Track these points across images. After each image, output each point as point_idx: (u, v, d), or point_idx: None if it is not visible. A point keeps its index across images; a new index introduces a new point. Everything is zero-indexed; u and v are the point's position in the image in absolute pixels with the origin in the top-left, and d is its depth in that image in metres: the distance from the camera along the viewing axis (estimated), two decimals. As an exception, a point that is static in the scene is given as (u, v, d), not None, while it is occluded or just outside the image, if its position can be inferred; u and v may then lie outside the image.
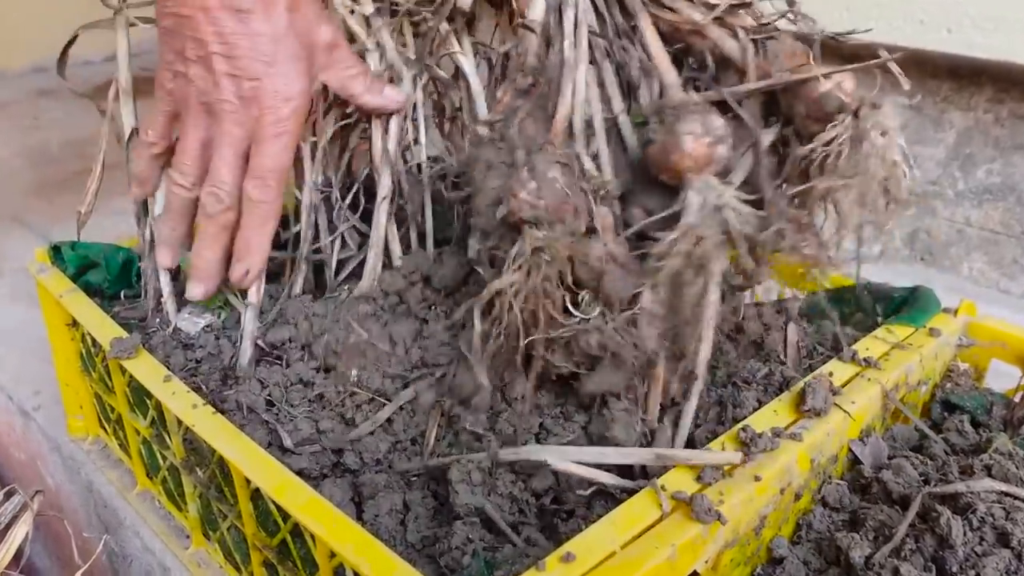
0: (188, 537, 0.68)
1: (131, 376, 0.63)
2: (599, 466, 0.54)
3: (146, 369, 0.62)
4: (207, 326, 0.69)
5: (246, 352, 0.66)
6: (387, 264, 0.70)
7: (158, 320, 0.71)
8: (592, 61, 0.59)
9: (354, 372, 0.61)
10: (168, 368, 0.62)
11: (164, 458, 0.67)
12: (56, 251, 0.76)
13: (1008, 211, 1.09)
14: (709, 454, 0.54)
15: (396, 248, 0.71)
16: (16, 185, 1.45)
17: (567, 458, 0.53)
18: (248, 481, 0.54)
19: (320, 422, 0.60)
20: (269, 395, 0.62)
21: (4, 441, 0.96)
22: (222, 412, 0.57)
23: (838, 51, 1.17)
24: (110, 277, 0.76)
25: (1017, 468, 0.53)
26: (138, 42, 0.76)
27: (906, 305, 0.71)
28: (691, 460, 0.53)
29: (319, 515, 0.48)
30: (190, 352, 0.67)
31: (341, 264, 0.72)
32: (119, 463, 0.77)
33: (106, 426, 0.78)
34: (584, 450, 0.56)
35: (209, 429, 0.55)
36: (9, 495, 0.61)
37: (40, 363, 0.93)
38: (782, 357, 0.68)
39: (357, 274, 0.71)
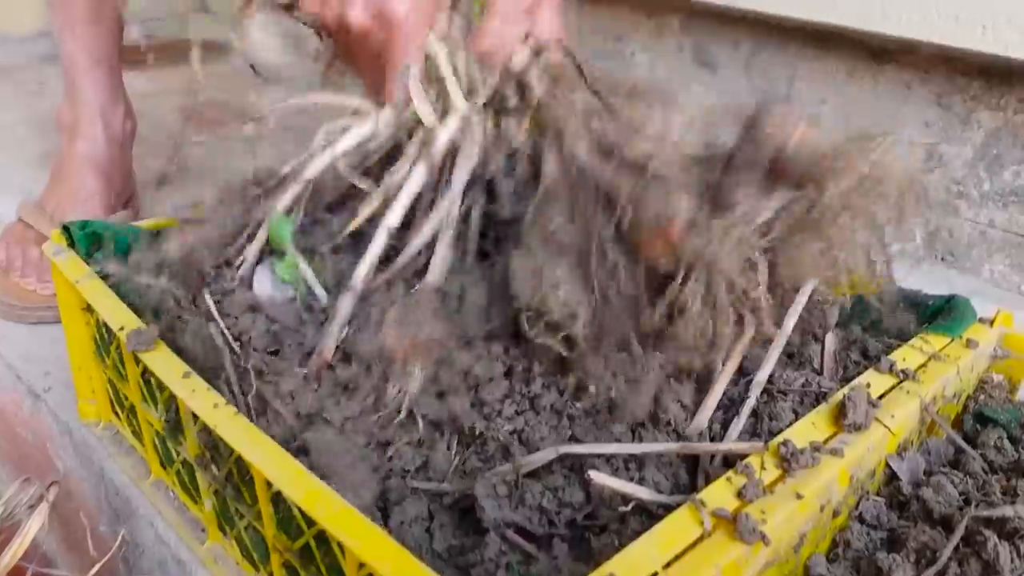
0: (204, 531, 0.66)
1: (146, 367, 0.62)
2: (631, 478, 0.53)
3: (164, 364, 0.60)
4: (292, 298, 0.66)
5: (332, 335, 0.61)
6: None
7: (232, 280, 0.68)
8: None
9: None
10: (238, 339, 0.61)
11: (178, 452, 0.66)
12: (66, 231, 0.74)
13: (1034, 214, 1.07)
14: (734, 444, 0.54)
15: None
16: (21, 154, 1.42)
17: (585, 451, 0.52)
18: (270, 484, 0.53)
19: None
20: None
21: (11, 420, 0.94)
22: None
23: (868, 46, 1.15)
24: (114, 255, 0.74)
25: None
26: (144, 8, 0.74)
27: (941, 314, 0.70)
28: (717, 449, 0.54)
29: (350, 527, 0.46)
30: (267, 323, 0.64)
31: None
32: (132, 450, 0.76)
33: (119, 412, 0.76)
34: (603, 446, 0.55)
35: (231, 431, 0.54)
36: (25, 485, 0.60)
37: (50, 343, 0.92)
38: (816, 365, 0.66)
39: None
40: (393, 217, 0.63)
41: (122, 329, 0.63)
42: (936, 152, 1.13)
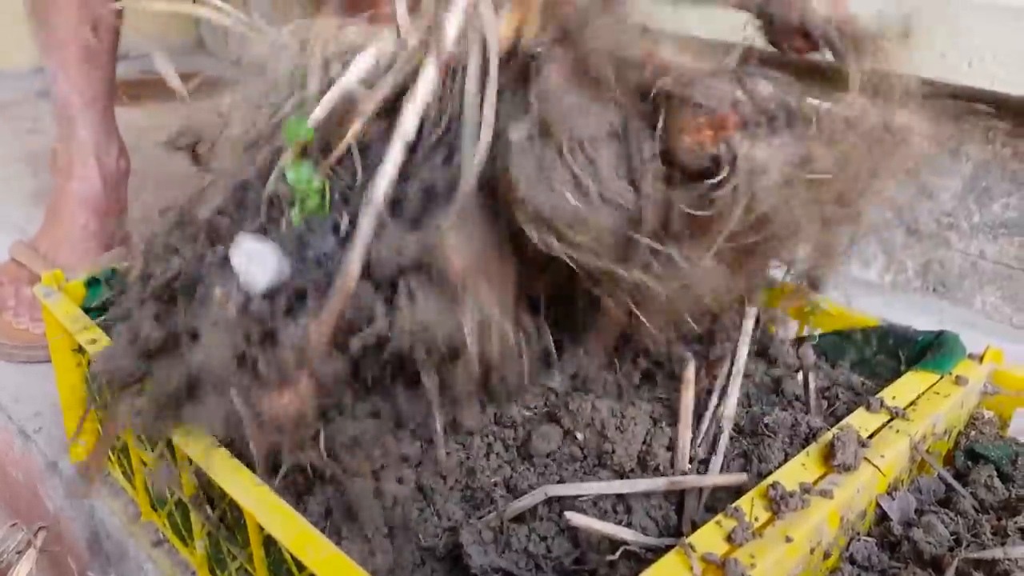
0: (194, 574, 0.66)
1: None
2: (619, 522, 0.53)
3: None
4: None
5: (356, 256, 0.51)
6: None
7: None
8: None
9: None
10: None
11: (172, 491, 0.65)
12: (94, 283, 0.75)
13: (1024, 246, 1.08)
14: (720, 476, 0.54)
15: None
16: (16, 192, 1.42)
17: (572, 493, 0.52)
18: (261, 527, 0.52)
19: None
20: None
21: (2, 460, 0.94)
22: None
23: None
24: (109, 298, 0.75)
25: (1054, 533, 0.52)
26: (136, 44, 0.74)
27: (931, 350, 0.70)
28: (702, 483, 0.55)
29: (340, 573, 0.46)
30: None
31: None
32: (122, 492, 0.76)
33: (110, 453, 0.76)
34: (590, 485, 0.55)
35: (224, 473, 0.54)
36: (13, 530, 0.59)
37: (42, 382, 0.92)
38: (802, 401, 0.66)
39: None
40: (408, 124, 0.54)
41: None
42: (926, 184, 1.14)
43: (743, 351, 0.64)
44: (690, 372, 0.60)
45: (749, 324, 0.64)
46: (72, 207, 1.09)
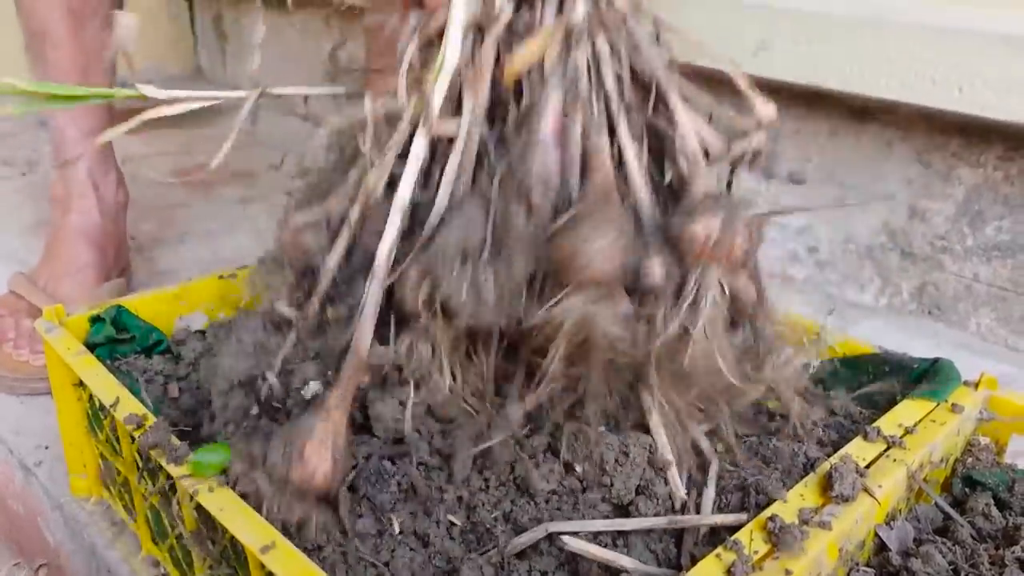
0: (195, 609, 0.66)
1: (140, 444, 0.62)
2: (615, 545, 0.53)
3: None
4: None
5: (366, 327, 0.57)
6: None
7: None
8: None
9: None
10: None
11: (173, 526, 0.66)
12: (98, 320, 0.76)
13: (1017, 268, 1.09)
14: (720, 516, 0.55)
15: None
16: (16, 222, 1.43)
17: (572, 530, 0.52)
18: (263, 564, 0.53)
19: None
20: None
21: (2, 493, 0.94)
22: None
23: (849, 106, 1.18)
24: (136, 350, 0.76)
25: (1050, 562, 0.53)
26: (133, 72, 0.75)
27: (926, 377, 0.71)
28: (702, 522, 0.56)
29: (342, 611, 0.46)
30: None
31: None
32: (123, 525, 0.76)
33: (111, 487, 0.76)
34: (593, 523, 0.55)
35: (226, 510, 0.54)
36: (15, 569, 0.60)
37: (43, 415, 0.92)
38: (800, 431, 0.67)
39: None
40: (405, 190, 0.58)
41: (116, 405, 0.63)
42: (919, 208, 1.15)
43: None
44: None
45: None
46: (71, 239, 1.10)
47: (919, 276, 1.17)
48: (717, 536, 0.55)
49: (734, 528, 0.53)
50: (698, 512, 0.56)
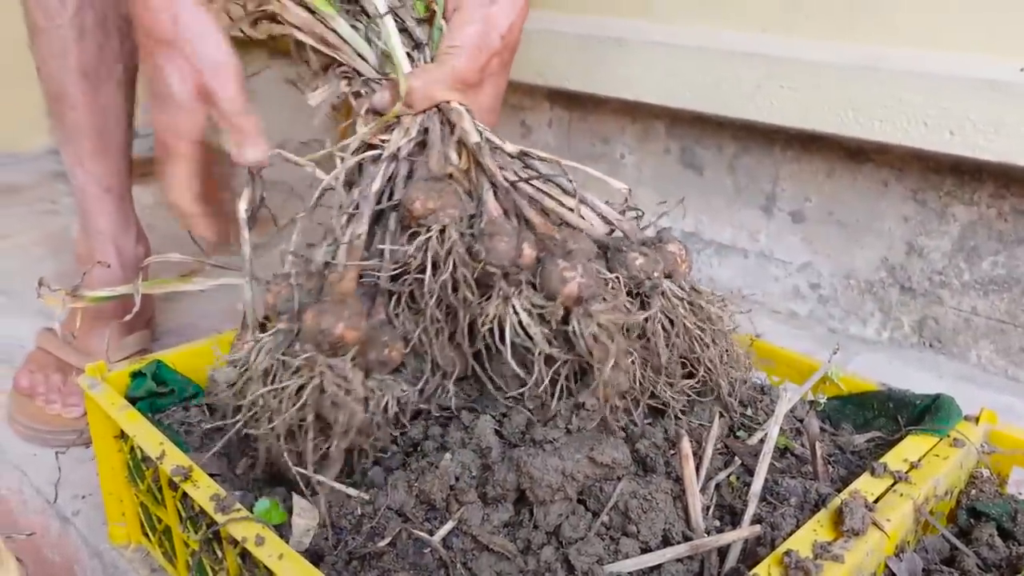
0: (237, 652, 0.69)
1: (185, 493, 0.66)
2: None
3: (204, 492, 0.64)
4: None
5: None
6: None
7: None
8: None
9: None
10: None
11: (215, 572, 0.69)
12: (139, 375, 0.80)
13: (1014, 301, 1.13)
14: (735, 532, 0.58)
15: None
16: (37, 275, 1.46)
17: (614, 570, 0.56)
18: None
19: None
20: None
21: (38, 543, 0.97)
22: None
23: (846, 147, 1.22)
24: (176, 402, 0.80)
25: (1051, 589, 0.56)
26: (147, 122, 0.80)
27: (928, 413, 0.74)
28: (720, 542, 0.60)
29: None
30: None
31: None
32: (163, 572, 0.79)
33: (150, 535, 0.79)
34: (623, 563, 0.58)
35: (272, 556, 0.57)
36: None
37: (77, 465, 0.95)
38: (808, 470, 0.70)
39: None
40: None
41: (162, 458, 0.67)
42: (916, 244, 1.19)
43: (774, 431, 0.68)
44: (686, 446, 0.63)
45: (782, 408, 0.68)
46: None
47: (919, 310, 1.21)
48: (737, 573, 0.58)
49: (752, 563, 0.57)
50: (722, 553, 0.60)
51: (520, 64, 1.49)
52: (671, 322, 0.72)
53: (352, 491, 0.66)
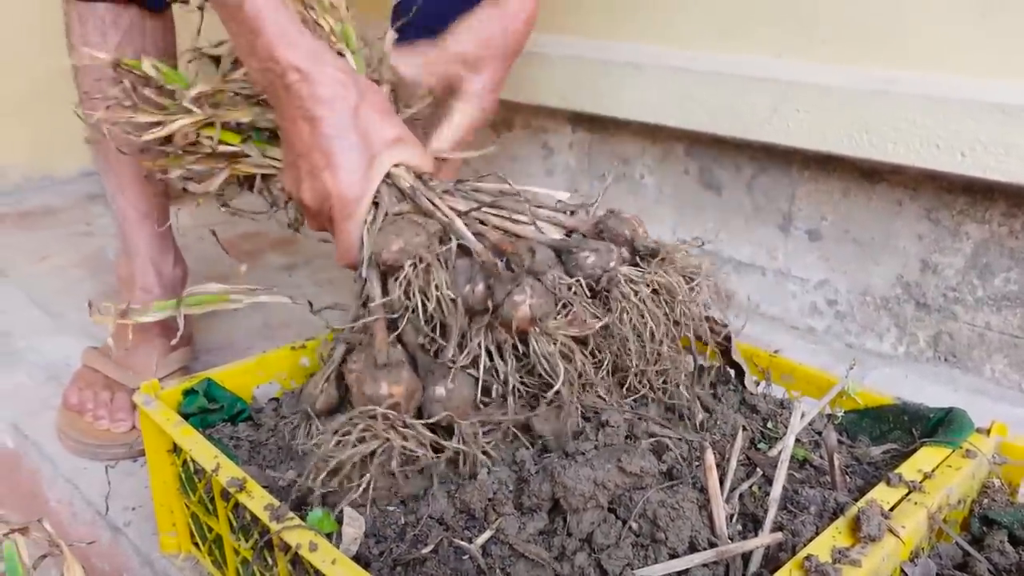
0: (286, 655, 0.73)
1: (236, 503, 0.70)
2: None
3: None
4: None
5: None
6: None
7: None
8: None
9: None
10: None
11: (264, 577, 0.73)
12: (191, 392, 0.85)
13: (1026, 317, 1.16)
14: (759, 539, 0.62)
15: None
16: (77, 296, 1.52)
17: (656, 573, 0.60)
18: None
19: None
20: None
21: (86, 551, 1.01)
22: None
23: (860, 168, 1.26)
24: (224, 418, 0.85)
25: (1058, 592, 0.59)
26: None
27: (941, 426, 0.78)
28: (744, 548, 0.63)
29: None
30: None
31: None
32: (212, 580, 0.83)
33: (200, 544, 0.83)
34: (653, 568, 0.62)
35: (325, 561, 0.61)
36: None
37: (125, 478, 1.00)
38: (828, 476, 0.74)
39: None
40: None
41: (216, 469, 0.71)
42: (931, 261, 1.23)
43: (790, 440, 0.72)
44: (710, 458, 0.67)
45: (796, 419, 0.72)
46: None
47: (934, 325, 1.24)
48: (760, 576, 0.62)
49: (774, 568, 0.60)
50: (745, 559, 0.63)
51: (543, 88, 1.54)
52: (640, 311, 0.76)
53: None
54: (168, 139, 0.91)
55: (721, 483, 0.69)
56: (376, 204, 0.79)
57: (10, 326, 1.40)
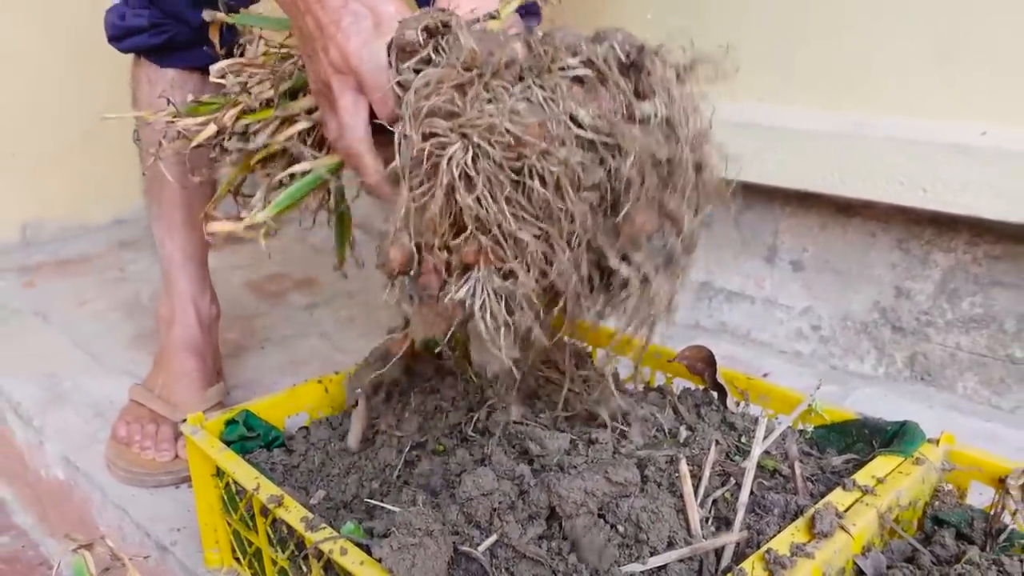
0: (321, 651, 0.83)
1: (274, 518, 0.80)
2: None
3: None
4: None
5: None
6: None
7: None
8: None
9: None
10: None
11: (300, 584, 0.83)
12: (232, 422, 0.95)
13: (992, 337, 1.25)
14: (728, 536, 0.72)
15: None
16: (116, 339, 1.64)
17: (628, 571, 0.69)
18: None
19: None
20: None
21: (140, 566, 1.12)
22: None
23: (835, 203, 1.36)
24: (261, 445, 0.95)
25: (982, 574, 0.69)
26: None
27: (897, 437, 0.87)
28: (716, 544, 0.73)
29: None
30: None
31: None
32: (253, 590, 0.93)
33: (241, 558, 0.94)
34: (635, 565, 0.72)
35: (358, 568, 0.71)
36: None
37: (169, 503, 1.11)
38: (793, 487, 0.84)
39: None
40: None
41: (257, 489, 0.82)
42: (904, 288, 1.33)
43: (756, 450, 0.82)
44: (684, 467, 0.77)
45: (761, 433, 0.82)
46: (177, 351, 1.30)
47: (909, 347, 1.34)
48: (729, 570, 0.72)
49: (741, 561, 0.70)
50: (717, 554, 0.73)
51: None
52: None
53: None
54: (217, 147, 0.96)
55: (696, 490, 0.78)
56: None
57: (56, 368, 1.51)
